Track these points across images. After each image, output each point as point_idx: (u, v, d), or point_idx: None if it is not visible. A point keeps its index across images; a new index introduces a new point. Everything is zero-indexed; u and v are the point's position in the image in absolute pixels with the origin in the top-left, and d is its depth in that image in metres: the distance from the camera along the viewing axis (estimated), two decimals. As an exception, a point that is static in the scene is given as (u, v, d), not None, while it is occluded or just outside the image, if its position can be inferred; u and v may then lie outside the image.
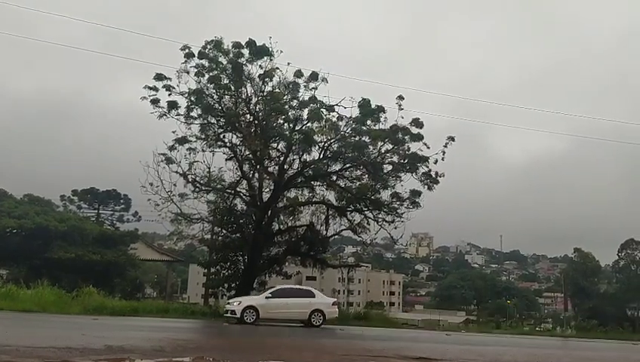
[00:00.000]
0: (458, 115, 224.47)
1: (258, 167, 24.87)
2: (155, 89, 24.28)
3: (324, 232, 26.65)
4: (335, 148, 25.16)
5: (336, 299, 23.17)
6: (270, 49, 24.15)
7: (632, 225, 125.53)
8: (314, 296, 20.83)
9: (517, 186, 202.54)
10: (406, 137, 24.92)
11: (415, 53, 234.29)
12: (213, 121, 25.13)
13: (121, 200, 62.10)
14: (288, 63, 24.44)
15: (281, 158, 25.46)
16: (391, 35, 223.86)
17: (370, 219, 26.00)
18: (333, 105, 24.75)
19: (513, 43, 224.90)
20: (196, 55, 24.32)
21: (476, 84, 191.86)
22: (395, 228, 25.66)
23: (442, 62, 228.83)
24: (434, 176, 24.92)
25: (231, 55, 24.51)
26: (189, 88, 24.33)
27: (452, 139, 25.15)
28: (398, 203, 25.44)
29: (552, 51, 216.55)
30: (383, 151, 25.11)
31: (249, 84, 24.83)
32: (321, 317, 20.21)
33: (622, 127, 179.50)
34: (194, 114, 24.71)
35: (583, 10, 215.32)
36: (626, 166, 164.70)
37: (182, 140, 24.39)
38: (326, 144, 24.90)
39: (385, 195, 25.46)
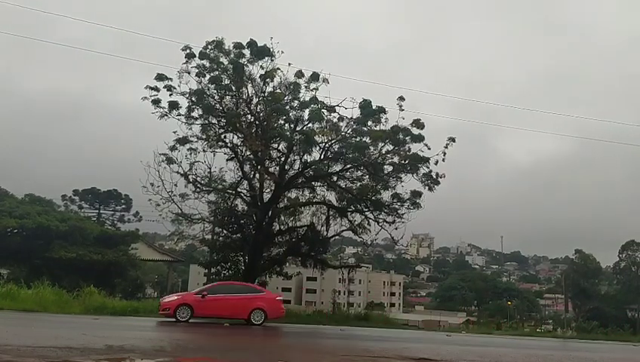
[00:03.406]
0: (462, 117, 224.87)
1: (259, 167, 24.87)
2: (157, 89, 24.28)
3: (325, 233, 26.66)
4: (336, 149, 25.11)
5: None
6: (271, 49, 24.17)
7: (633, 226, 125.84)
8: None
9: (518, 187, 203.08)
10: (407, 138, 24.84)
11: (419, 55, 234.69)
12: (214, 121, 25.13)
13: (122, 201, 62.34)
14: (289, 64, 24.43)
15: (282, 159, 25.48)
16: (395, 37, 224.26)
17: (370, 220, 25.96)
18: (334, 106, 24.69)
19: (518, 45, 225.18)
20: (197, 55, 24.35)
21: (481, 86, 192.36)
22: (396, 228, 25.64)
23: (447, 64, 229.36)
24: (435, 176, 24.83)
25: (232, 55, 24.53)
26: (190, 88, 24.40)
27: (452, 140, 25.02)
28: (398, 203, 25.39)
29: (556, 54, 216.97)
30: (383, 152, 25.03)
31: (250, 85, 24.84)
32: None
33: (625, 129, 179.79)
34: (195, 114, 24.73)
35: (590, 14, 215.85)
36: (628, 168, 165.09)
37: (183, 140, 24.39)
38: (327, 145, 24.85)
39: (385, 196, 25.45)
